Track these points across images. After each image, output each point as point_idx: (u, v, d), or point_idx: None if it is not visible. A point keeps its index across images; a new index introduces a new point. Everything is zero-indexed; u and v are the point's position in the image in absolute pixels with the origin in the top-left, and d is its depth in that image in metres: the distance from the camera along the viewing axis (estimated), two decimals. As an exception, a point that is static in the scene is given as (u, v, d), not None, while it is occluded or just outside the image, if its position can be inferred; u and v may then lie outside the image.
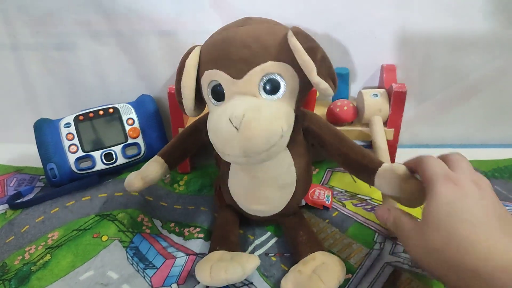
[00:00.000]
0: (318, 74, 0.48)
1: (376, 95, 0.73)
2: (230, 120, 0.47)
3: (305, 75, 0.50)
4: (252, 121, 0.46)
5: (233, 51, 0.50)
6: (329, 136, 0.58)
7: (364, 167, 0.55)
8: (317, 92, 0.72)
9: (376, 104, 0.72)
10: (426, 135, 0.60)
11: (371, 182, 0.55)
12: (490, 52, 0.76)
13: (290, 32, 0.49)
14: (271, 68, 0.49)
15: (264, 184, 0.57)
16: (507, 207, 0.66)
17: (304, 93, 0.54)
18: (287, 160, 0.56)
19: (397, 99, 0.70)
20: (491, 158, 0.78)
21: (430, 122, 0.83)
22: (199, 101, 0.56)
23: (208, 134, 0.51)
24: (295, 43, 0.48)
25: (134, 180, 0.61)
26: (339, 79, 0.76)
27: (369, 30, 0.76)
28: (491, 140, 0.84)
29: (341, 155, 0.57)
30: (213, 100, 0.53)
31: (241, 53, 0.49)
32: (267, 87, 0.50)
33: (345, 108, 0.72)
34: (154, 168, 0.62)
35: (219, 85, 0.51)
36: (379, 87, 0.78)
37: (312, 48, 0.49)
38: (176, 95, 0.55)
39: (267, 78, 0.49)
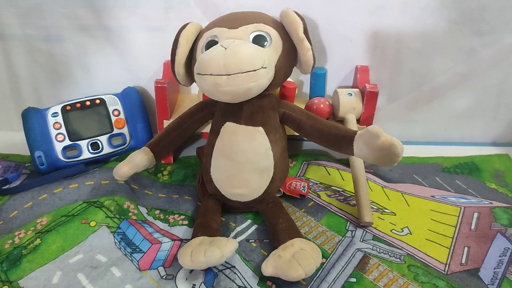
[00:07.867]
0: (304, 32, 0.57)
1: (350, 94, 0.77)
2: (221, 45, 0.54)
3: (288, 43, 0.59)
4: (240, 45, 0.54)
5: (235, 15, 0.61)
6: (305, 118, 0.64)
7: (342, 137, 0.60)
8: (296, 90, 0.76)
9: (350, 103, 0.76)
10: (395, 132, 0.63)
11: (350, 150, 0.60)
12: (453, 59, 0.80)
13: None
14: (262, 27, 0.58)
15: (243, 168, 0.61)
16: (466, 200, 0.72)
17: (284, 62, 0.59)
18: (265, 144, 0.61)
19: (370, 99, 0.75)
20: (453, 155, 0.85)
21: (399, 120, 0.87)
22: (190, 74, 0.62)
23: (195, 66, 0.56)
24: (287, 10, 0.59)
25: (121, 165, 0.66)
26: (316, 78, 0.81)
27: (345, 34, 0.80)
28: (452, 139, 0.90)
29: (318, 132, 0.63)
30: (204, 50, 0.58)
31: (241, 15, 0.60)
32: (256, 40, 0.57)
33: (322, 105, 0.76)
34: (139, 154, 0.67)
35: (215, 37, 0.58)
36: (353, 87, 0.82)
37: (300, 15, 0.59)
38: (171, 65, 0.62)
39: (257, 33, 0.58)
